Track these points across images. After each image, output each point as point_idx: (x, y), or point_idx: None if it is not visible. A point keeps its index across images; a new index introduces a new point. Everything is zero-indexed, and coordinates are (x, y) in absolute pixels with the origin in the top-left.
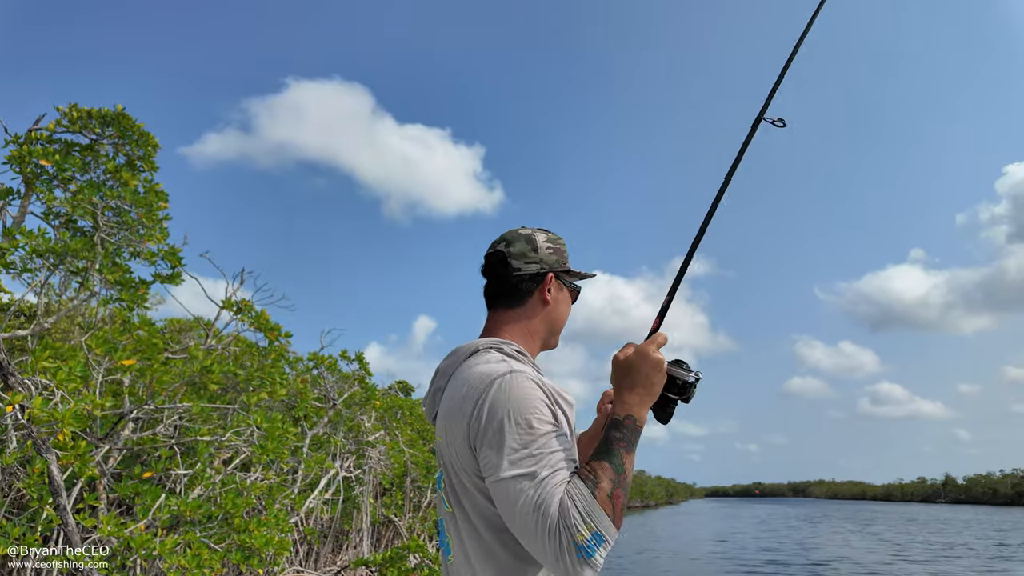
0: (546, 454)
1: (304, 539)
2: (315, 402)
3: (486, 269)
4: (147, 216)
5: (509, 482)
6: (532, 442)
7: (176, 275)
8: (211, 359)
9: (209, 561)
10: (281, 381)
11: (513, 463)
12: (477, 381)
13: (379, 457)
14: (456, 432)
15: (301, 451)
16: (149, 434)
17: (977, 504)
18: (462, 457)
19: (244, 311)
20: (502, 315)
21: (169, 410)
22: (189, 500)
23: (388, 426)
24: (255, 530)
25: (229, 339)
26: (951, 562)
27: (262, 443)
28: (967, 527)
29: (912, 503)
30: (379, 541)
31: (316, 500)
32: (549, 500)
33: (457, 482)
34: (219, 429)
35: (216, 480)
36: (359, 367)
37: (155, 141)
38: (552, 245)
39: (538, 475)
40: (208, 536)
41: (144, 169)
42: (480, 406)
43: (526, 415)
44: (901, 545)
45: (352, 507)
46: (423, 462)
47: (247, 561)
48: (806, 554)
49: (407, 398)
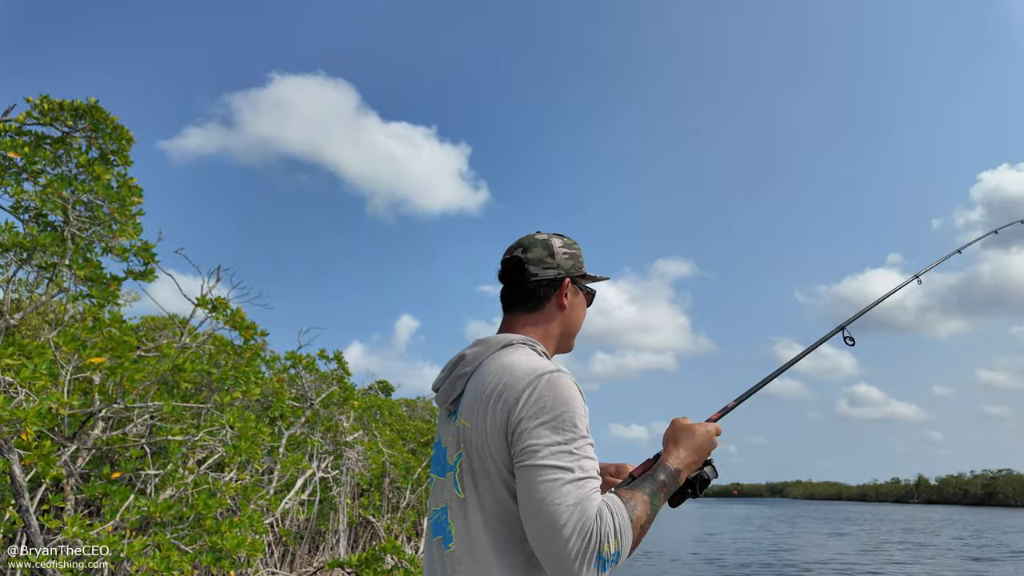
0: (583, 457)
1: (280, 540)
2: (292, 402)
3: (503, 274)
4: (120, 211)
5: (547, 470)
6: (573, 441)
7: (149, 272)
8: (183, 357)
9: (179, 563)
10: (256, 380)
11: (555, 454)
12: (523, 372)
13: (357, 458)
14: (491, 417)
15: (277, 451)
16: (119, 434)
17: (948, 504)
18: (494, 443)
19: (219, 309)
20: (520, 318)
21: (140, 409)
22: (159, 501)
23: (367, 426)
24: (227, 531)
25: (204, 337)
26: (923, 561)
27: (235, 443)
28: (940, 527)
29: (886, 503)
30: (356, 542)
31: (292, 501)
32: (588, 502)
33: (480, 467)
34: (192, 429)
35: (188, 480)
36: (338, 367)
37: (129, 135)
38: (568, 250)
39: (576, 473)
40: (179, 537)
41: (118, 163)
42: (529, 395)
43: (571, 415)
44: (873, 545)
45: (329, 508)
46: (402, 463)
47: (218, 563)
48: (785, 555)
49: (387, 398)
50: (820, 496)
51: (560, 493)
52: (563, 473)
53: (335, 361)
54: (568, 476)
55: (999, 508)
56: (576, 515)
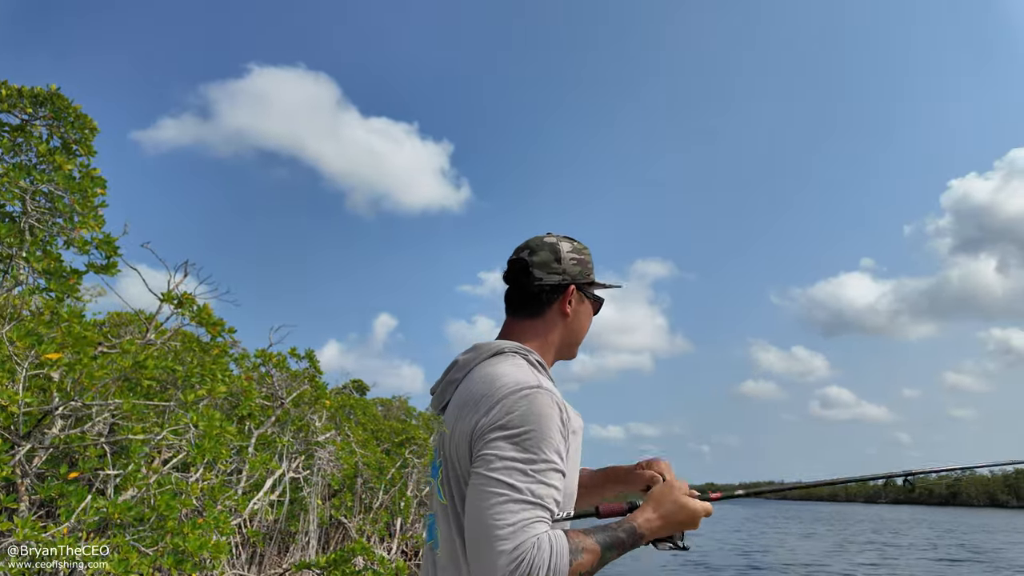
0: (538, 482)
1: (248, 541)
2: (262, 401)
3: (508, 276)
4: (81, 202)
5: (495, 483)
6: (533, 463)
7: (112, 265)
8: (145, 354)
9: (138, 566)
10: (224, 378)
11: (508, 470)
12: (503, 383)
13: (328, 458)
14: (466, 423)
15: (246, 451)
16: (78, 432)
17: (915, 504)
18: (462, 451)
19: (185, 305)
20: (520, 323)
21: (100, 407)
22: (119, 502)
23: (339, 426)
24: (190, 533)
25: (170, 334)
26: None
27: (199, 443)
28: (908, 527)
29: (855, 503)
30: (328, 543)
31: (261, 502)
32: (529, 527)
33: (453, 475)
34: (156, 428)
35: (151, 481)
36: (309, 365)
37: (93, 124)
38: (577, 256)
39: (524, 495)
40: (139, 539)
41: (81, 153)
42: (500, 406)
43: (539, 437)
44: (840, 543)
45: (299, 508)
46: (375, 463)
47: (180, 565)
48: (759, 556)
49: (361, 397)
50: (792, 496)
51: (501, 510)
52: (510, 491)
53: (306, 359)
54: (514, 495)
55: (962, 508)
56: (513, 538)
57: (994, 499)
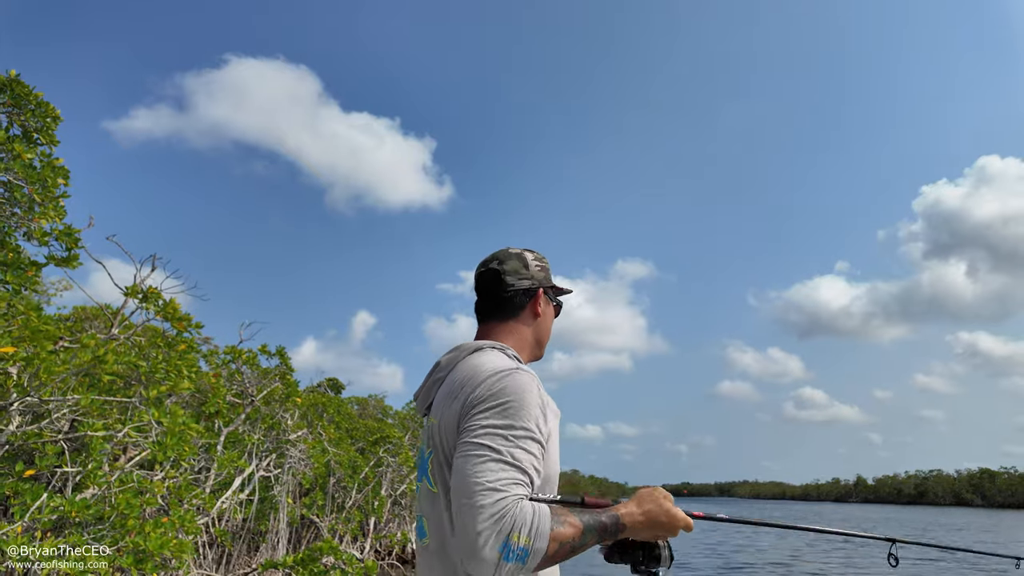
0: (521, 450)
1: (216, 541)
2: (233, 398)
3: (479, 286)
4: (41, 192)
5: (477, 447)
6: (512, 429)
7: (73, 257)
8: (104, 348)
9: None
10: (189, 375)
11: (489, 435)
12: (486, 369)
13: (300, 456)
14: (453, 408)
15: (215, 449)
16: (35, 428)
17: (884, 503)
18: (450, 435)
19: (150, 299)
20: (495, 327)
21: (58, 403)
22: (76, 500)
23: (311, 424)
24: (151, 532)
25: (136, 328)
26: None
27: (160, 439)
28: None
29: (826, 502)
30: (300, 542)
31: (229, 500)
32: (510, 486)
33: (444, 461)
34: (118, 424)
35: (112, 479)
36: (280, 362)
37: (56, 112)
38: (539, 263)
39: (505, 457)
40: (98, 538)
41: (42, 142)
42: (483, 386)
43: (520, 409)
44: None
45: (269, 508)
46: (347, 462)
47: (140, 565)
48: (735, 556)
49: (335, 396)
50: (765, 495)
51: (483, 469)
52: (491, 452)
53: (277, 356)
54: (495, 455)
55: (929, 507)
56: (492, 494)
57: (960, 498)
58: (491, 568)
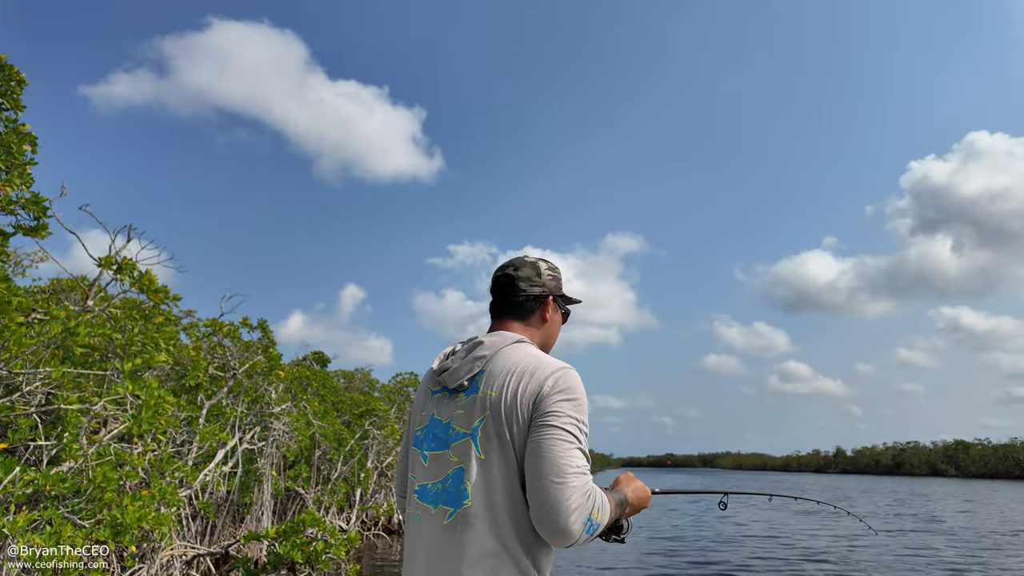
0: (587, 442)
1: (199, 513)
2: (215, 371)
3: (495, 288)
4: (5, 159)
5: (566, 433)
6: (585, 425)
7: (42, 227)
8: (75, 320)
9: (72, 539)
10: (167, 347)
11: (574, 425)
12: (551, 360)
13: (284, 429)
14: (523, 386)
15: (197, 422)
16: (7, 402)
17: (862, 474)
18: (522, 410)
19: (125, 270)
20: (508, 325)
21: (29, 376)
22: (51, 473)
23: (295, 397)
24: (128, 505)
25: (114, 300)
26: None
27: (134, 412)
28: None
29: (806, 473)
30: (286, 514)
31: (212, 473)
32: (588, 472)
33: (504, 431)
34: (94, 397)
35: (89, 452)
36: (262, 335)
37: (21, 76)
38: (552, 273)
39: (584, 450)
40: (74, 512)
41: (7, 107)
42: (558, 378)
43: (585, 407)
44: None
45: (253, 480)
46: (332, 434)
47: (117, 538)
48: (721, 526)
49: (321, 369)
50: (747, 466)
51: (574, 454)
52: (576, 442)
53: (259, 330)
54: (579, 445)
55: (906, 477)
56: (582, 476)
57: (935, 469)
58: (575, 538)
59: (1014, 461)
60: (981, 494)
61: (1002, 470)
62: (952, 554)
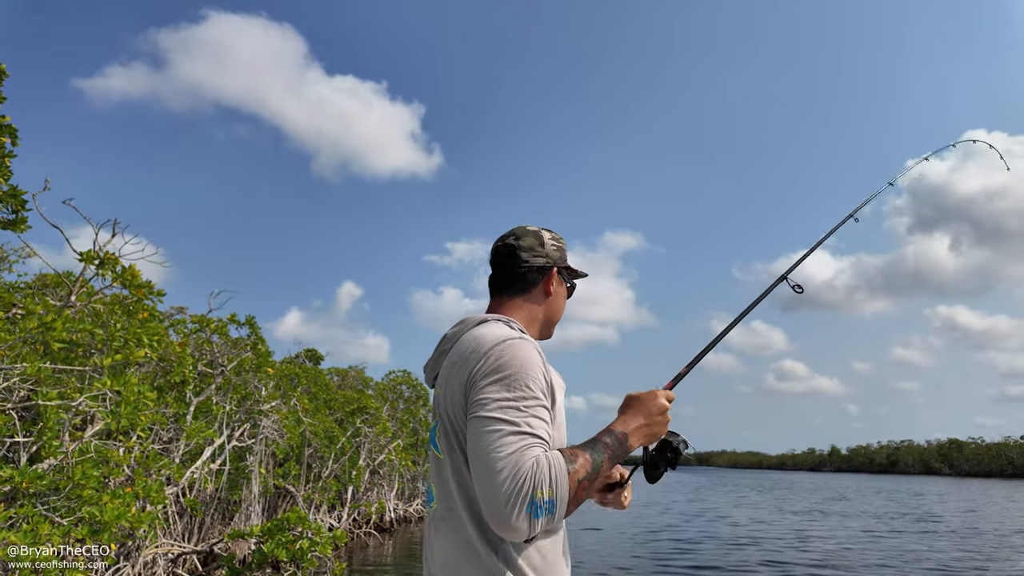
0: (531, 416)
1: (185, 511)
2: (204, 368)
3: (495, 259)
4: None
5: (491, 420)
6: (523, 399)
7: (21, 220)
8: (52, 315)
9: (49, 536)
10: (151, 343)
11: (502, 408)
12: (489, 339)
13: (274, 427)
14: (458, 378)
15: (184, 419)
16: None
17: (856, 472)
18: (457, 403)
19: (107, 265)
20: (507, 301)
21: (5, 372)
22: (28, 470)
23: (285, 395)
24: (108, 502)
25: (98, 295)
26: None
27: (113, 409)
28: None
29: (802, 471)
30: (276, 511)
31: (200, 470)
32: (526, 451)
33: (450, 429)
34: (76, 394)
35: (69, 449)
36: (251, 332)
37: (1, 67)
38: (556, 243)
39: (520, 427)
40: (52, 509)
41: None
42: (487, 355)
43: (526, 376)
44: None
45: (242, 477)
46: (323, 432)
47: (96, 536)
48: (719, 520)
49: (313, 367)
50: (743, 465)
51: (501, 443)
52: (506, 425)
53: (247, 326)
54: (510, 428)
55: (900, 475)
56: (512, 462)
57: (929, 467)
58: (526, 531)
59: (1007, 460)
60: (971, 493)
61: (995, 469)
62: (946, 557)
